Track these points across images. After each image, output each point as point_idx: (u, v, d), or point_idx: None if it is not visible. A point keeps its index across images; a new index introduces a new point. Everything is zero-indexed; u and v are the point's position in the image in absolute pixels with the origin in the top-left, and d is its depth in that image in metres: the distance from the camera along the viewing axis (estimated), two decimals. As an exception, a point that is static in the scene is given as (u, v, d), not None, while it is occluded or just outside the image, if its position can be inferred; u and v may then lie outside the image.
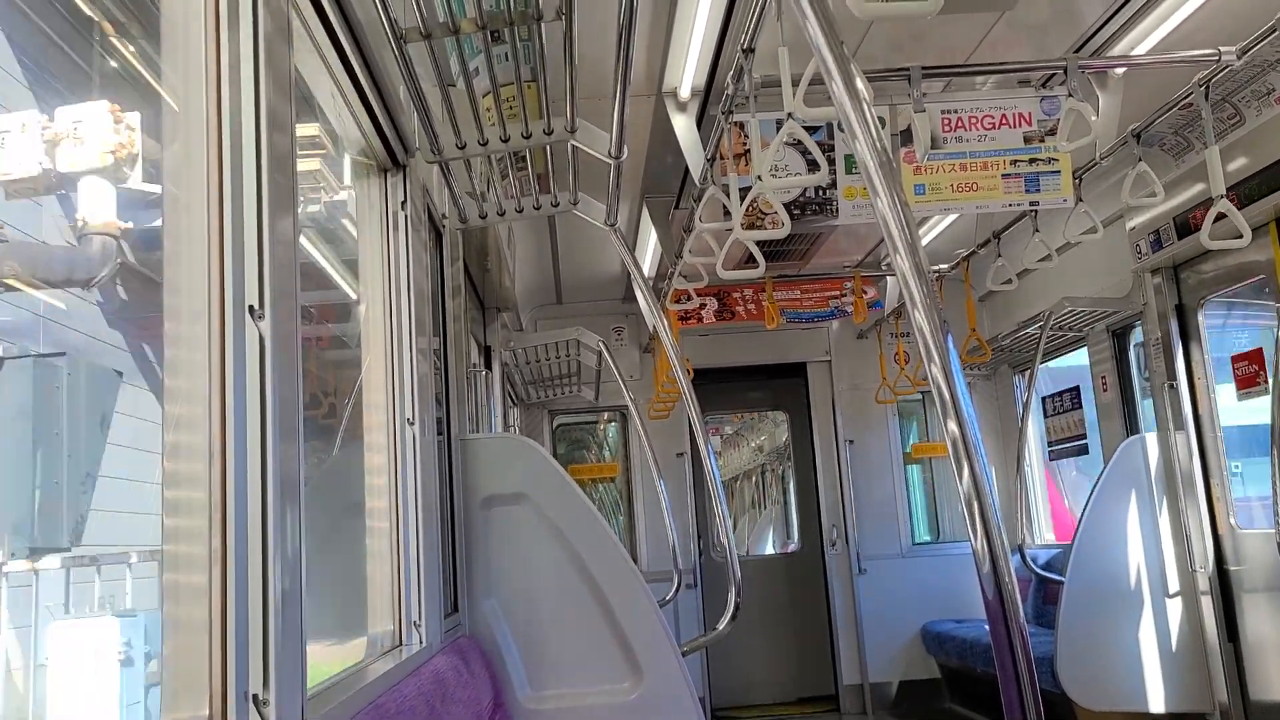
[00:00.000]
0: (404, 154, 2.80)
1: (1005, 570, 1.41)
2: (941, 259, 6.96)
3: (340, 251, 2.71)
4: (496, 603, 3.29)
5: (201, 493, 1.35)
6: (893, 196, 1.50)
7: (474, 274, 5.20)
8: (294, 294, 1.56)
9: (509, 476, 3.32)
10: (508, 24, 2.12)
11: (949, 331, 1.50)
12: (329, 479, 2.74)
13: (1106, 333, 6.12)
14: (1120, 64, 4.20)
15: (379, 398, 2.70)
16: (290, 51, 1.65)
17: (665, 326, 3.62)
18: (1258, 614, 4.92)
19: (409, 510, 2.69)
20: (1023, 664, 1.41)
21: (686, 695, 3.20)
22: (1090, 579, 5.18)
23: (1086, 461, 6.96)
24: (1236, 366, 4.95)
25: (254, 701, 1.36)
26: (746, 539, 8.79)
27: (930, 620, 7.59)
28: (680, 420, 7.84)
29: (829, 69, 1.53)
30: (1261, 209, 4.39)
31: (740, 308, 6.98)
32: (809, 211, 4.28)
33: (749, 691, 7.94)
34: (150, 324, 2.91)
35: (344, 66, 2.27)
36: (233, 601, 1.35)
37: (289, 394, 1.50)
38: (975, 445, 1.45)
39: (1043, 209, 4.40)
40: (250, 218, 1.46)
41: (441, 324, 3.49)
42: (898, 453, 8.06)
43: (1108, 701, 5.11)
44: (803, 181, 3.94)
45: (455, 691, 2.42)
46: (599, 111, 2.74)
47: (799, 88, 2.81)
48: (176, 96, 1.46)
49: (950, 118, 4.12)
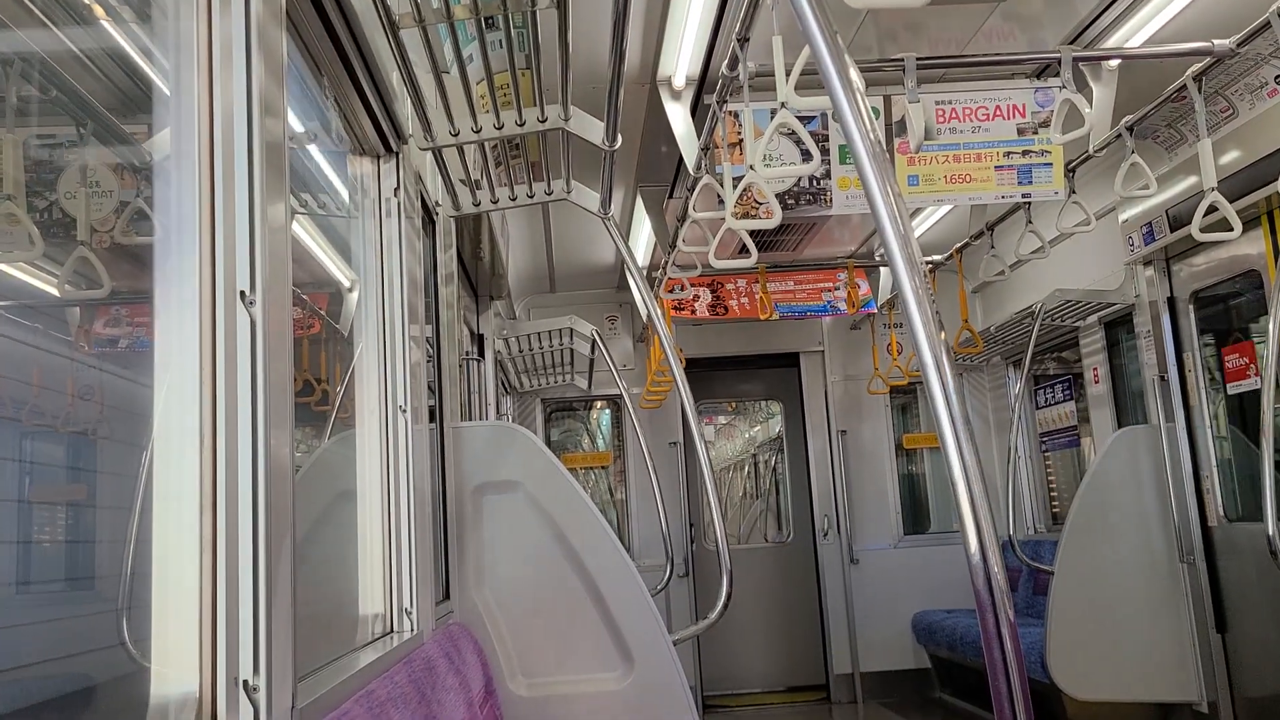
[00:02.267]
0: (397, 140, 2.79)
1: (994, 560, 1.42)
2: (935, 250, 6.98)
3: (332, 237, 2.70)
4: (488, 590, 3.29)
5: (192, 478, 1.35)
6: (886, 187, 1.50)
7: (467, 262, 5.19)
8: (286, 279, 1.56)
9: (501, 464, 3.32)
10: (502, 10, 2.12)
11: (941, 323, 1.50)
12: (320, 465, 2.74)
13: (1099, 324, 6.13)
14: (1114, 55, 4.20)
15: (371, 385, 2.70)
16: (283, 35, 1.65)
17: (659, 315, 3.61)
18: (1247, 606, 4.94)
19: (401, 497, 2.69)
20: (1011, 654, 1.41)
21: (677, 684, 3.21)
22: (1080, 570, 5.19)
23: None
24: (1227, 359, 4.96)
25: (244, 687, 1.36)
26: (740, 529, 8.80)
27: (921, 610, 7.62)
28: (673, 410, 7.85)
29: (822, 58, 1.53)
30: (1253, 202, 4.40)
31: (734, 301, 6.97)
32: (803, 201, 4.28)
33: (740, 680, 7.96)
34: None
35: (337, 52, 2.26)
36: (223, 587, 1.35)
37: (280, 380, 1.49)
38: (966, 436, 1.45)
39: (1035, 201, 4.40)
40: (242, 203, 1.46)
41: (434, 311, 3.49)
42: (891, 443, 8.08)
43: (1097, 691, 5.13)
44: (797, 171, 3.94)
45: (446, 678, 2.42)
46: (593, 99, 2.73)
47: (791, 77, 2.81)
48: (168, 80, 1.45)
49: (944, 109, 4.12)
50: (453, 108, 2.62)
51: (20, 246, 1.35)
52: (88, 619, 1.40)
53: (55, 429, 1.36)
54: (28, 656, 1.25)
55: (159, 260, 1.40)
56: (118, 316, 1.53)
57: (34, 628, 1.30)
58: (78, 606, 1.40)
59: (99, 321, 1.52)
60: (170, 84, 1.45)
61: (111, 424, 1.49)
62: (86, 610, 1.41)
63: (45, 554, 1.37)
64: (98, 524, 1.47)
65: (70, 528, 1.42)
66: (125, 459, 1.55)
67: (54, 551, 1.38)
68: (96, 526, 1.46)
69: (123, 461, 1.54)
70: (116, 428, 1.50)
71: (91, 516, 1.46)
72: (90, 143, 1.45)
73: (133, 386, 1.59)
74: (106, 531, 1.47)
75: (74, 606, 1.39)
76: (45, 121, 1.42)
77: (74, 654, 1.35)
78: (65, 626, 1.36)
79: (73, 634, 1.36)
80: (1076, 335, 6.43)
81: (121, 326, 1.53)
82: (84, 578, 1.42)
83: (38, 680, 1.24)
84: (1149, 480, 5.29)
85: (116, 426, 1.50)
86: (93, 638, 1.39)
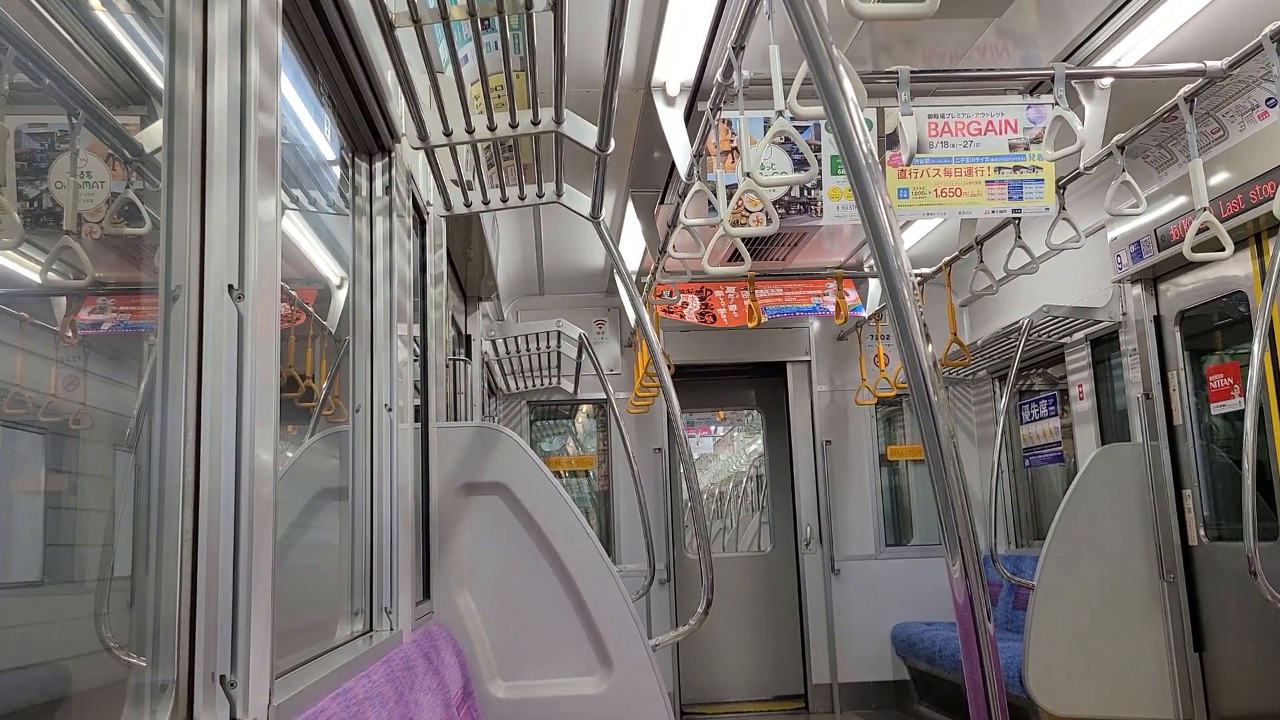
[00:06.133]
0: (390, 139, 2.79)
1: (975, 574, 1.42)
2: (923, 263, 7.00)
3: (322, 234, 2.69)
4: (469, 591, 3.29)
5: (175, 471, 1.35)
6: (877, 199, 1.50)
7: (456, 262, 5.19)
8: (275, 275, 1.56)
9: (485, 466, 3.32)
10: (498, 12, 2.11)
11: (929, 335, 1.50)
12: (304, 462, 2.73)
13: (1085, 341, 6.16)
14: (1107, 74, 4.22)
15: (357, 382, 2.70)
16: (279, 31, 1.64)
17: (647, 321, 3.62)
18: (1226, 626, 4.97)
19: (383, 496, 2.69)
20: (990, 668, 1.42)
21: (656, 690, 3.21)
22: (1061, 585, 5.21)
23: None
24: (1211, 379, 4.99)
25: (221, 683, 1.35)
26: (723, 537, 8.81)
27: (901, 622, 7.63)
28: (658, 416, 7.85)
29: (818, 69, 1.54)
30: (1241, 223, 4.42)
31: (722, 309, 6.98)
32: (793, 211, 4.29)
33: (718, 689, 7.96)
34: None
35: (333, 49, 2.26)
36: (203, 582, 1.35)
37: (266, 375, 1.49)
38: (950, 449, 1.45)
39: (1025, 217, 4.42)
40: (233, 197, 1.45)
41: (422, 311, 3.48)
42: (874, 454, 8.09)
43: (1074, 707, 5.15)
44: (791, 180, 3.95)
45: (424, 679, 2.42)
46: (587, 103, 2.73)
47: (792, 87, 2.82)
48: (161, 74, 1.45)
49: (936, 122, 4.14)
50: (446, 108, 2.61)
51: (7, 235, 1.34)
52: (64, 611, 1.39)
53: (36, 419, 1.36)
54: (2, 650, 1.24)
55: (147, 252, 1.39)
56: (103, 307, 1.52)
57: (8, 619, 1.29)
58: (55, 599, 1.39)
59: (83, 312, 1.51)
60: (164, 76, 1.45)
61: (93, 416, 1.48)
62: (63, 603, 1.40)
63: (23, 547, 1.37)
64: (77, 517, 1.46)
65: (49, 520, 1.41)
66: (106, 451, 1.54)
67: (32, 544, 1.38)
68: (76, 519, 1.46)
69: (104, 454, 1.53)
70: (98, 420, 1.49)
71: (71, 509, 1.45)
72: (81, 133, 1.44)
73: (116, 378, 1.58)
74: (86, 524, 1.46)
75: (51, 599, 1.39)
76: (37, 110, 1.41)
77: (50, 647, 1.34)
78: (41, 620, 1.35)
79: (49, 627, 1.36)
80: (1063, 351, 6.46)
81: (106, 316, 1.52)
82: (62, 570, 1.41)
83: (13, 673, 1.24)
84: (1131, 498, 5.31)
85: (98, 419, 1.49)
86: (70, 631, 1.38)
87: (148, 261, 1.39)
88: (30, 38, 1.32)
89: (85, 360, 1.53)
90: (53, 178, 1.42)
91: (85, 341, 1.52)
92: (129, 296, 1.55)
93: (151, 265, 1.40)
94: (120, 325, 1.51)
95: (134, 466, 1.42)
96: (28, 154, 1.41)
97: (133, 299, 1.56)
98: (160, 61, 1.45)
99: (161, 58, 1.45)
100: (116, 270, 1.56)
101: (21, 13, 1.32)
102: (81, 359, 1.52)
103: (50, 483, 1.42)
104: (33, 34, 1.33)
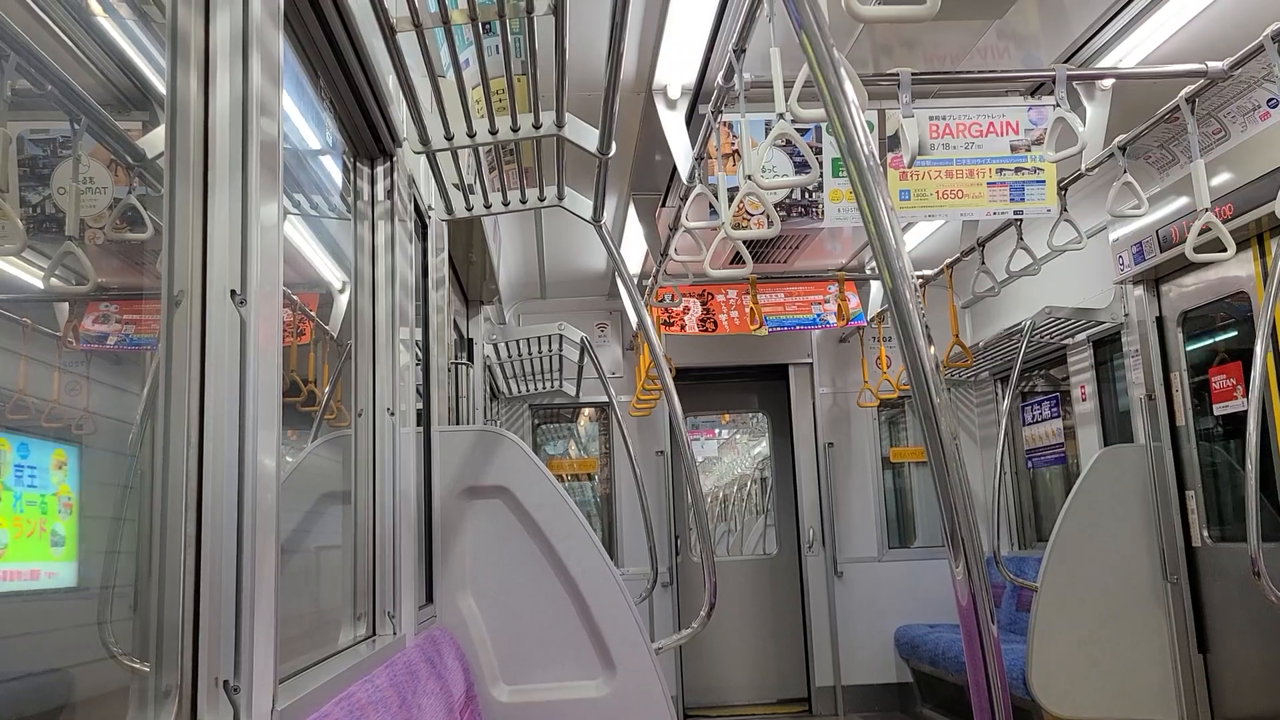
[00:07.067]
0: (391, 143, 2.79)
1: (978, 576, 1.42)
2: (926, 265, 6.99)
3: (324, 239, 2.70)
4: (471, 595, 3.28)
5: (178, 476, 1.35)
6: (878, 201, 1.50)
7: (458, 266, 5.19)
8: (277, 279, 1.56)
9: (487, 469, 3.32)
10: (499, 16, 2.12)
11: (931, 336, 1.50)
12: (306, 466, 2.73)
13: (1088, 343, 6.16)
14: (1108, 75, 4.22)
15: (360, 387, 2.70)
16: (280, 36, 1.65)
17: (649, 324, 3.61)
18: (1229, 627, 4.96)
19: (386, 500, 2.69)
20: (994, 670, 1.41)
21: (659, 693, 3.21)
22: (1063, 587, 5.21)
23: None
24: (1214, 380, 4.99)
25: (225, 688, 1.35)
26: (727, 540, 8.80)
27: (904, 624, 7.62)
28: (660, 419, 7.85)
29: (819, 71, 1.54)
30: (1244, 224, 4.42)
31: (723, 315, 6.98)
32: (794, 213, 4.29)
33: (721, 692, 7.96)
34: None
35: (334, 54, 2.26)
36: (206, 587, 1.35)
37: (269, 380, 1.49)
38: (953, 450, 1.45)
39: (1027, 218, 4.42)
40: (235, 201, 1.45)
41: (424, 315, 3.48)
42: (877, 456, 8.09)
43: (1077, 709, 5.14)
44: (793, 182, 3.95)
45: (427, 683, 2.42)
46: (588, 106, 2.73)
47: (793, 89, 2.82)
48: (163, 78, 1.45)
49: (938, 124, 4.14)
50: (448, 112, 2.61)
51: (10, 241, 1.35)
52: (68, 617, 1.39)
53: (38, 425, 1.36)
54: (6, 655, 1.24)
55: (150, 257, 1.39)
56: (106, 314, 1.52)
57: (12, 626, 1.29)
58: (59, 604, 1.39)
59: (87, 320, 1.51)
60: (166, 81, 1.45)
61: (96, 422, 1.48)
62: (67, 608, 1.40)
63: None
64: (80, 522, 1.46)
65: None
66: (110, 457, 1.54)
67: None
68: (79, 524, 1.46)
69: (108, 459, 1.53)
70: (101, 425, 1.49)
71: (75, 513, 1.45)
72: (83, 138, 1.44)
73: (119, 384, 1.58)
74: (90, 529, 1.46)
75: (55, 604, 1.39)
76: (39, 116, 1.41)
77: (54, 652, 1.34)
78: (45, 625, 1.35)
79: (53, 632, 1.36)
80: (1065, 353, 6.45)
81: (110, 324, 1.52)
82: (65, 575, 1.41)
83: (16, 679, 1.24)
84: (1134, 499, 5.30)
85: (101, 424, 1.49)
86: (73, 636, 1.38)
87: (150, 266, 1.39)
88: (32, 43, 1.32)
89: (88, 366, 1.53)
90: (55, 183, 1.43)
91: (88, 346, 1.52)
92: (131, 302, 1.56)
93: (154, 270, 1.40)
94: (126, 341, 1.51)
95: (137, 471, 1.42)
96: (30, 160, 1.41)
97: (135, 304, 1.57)
98: (162, 67, 1.45)
99: (163, 63, 1.45)
100: (119, 275, 1.56)
101: (24, 18, 1.32)
102: (84, 364, 1.52)
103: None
104: (35, 40, 1.33)
